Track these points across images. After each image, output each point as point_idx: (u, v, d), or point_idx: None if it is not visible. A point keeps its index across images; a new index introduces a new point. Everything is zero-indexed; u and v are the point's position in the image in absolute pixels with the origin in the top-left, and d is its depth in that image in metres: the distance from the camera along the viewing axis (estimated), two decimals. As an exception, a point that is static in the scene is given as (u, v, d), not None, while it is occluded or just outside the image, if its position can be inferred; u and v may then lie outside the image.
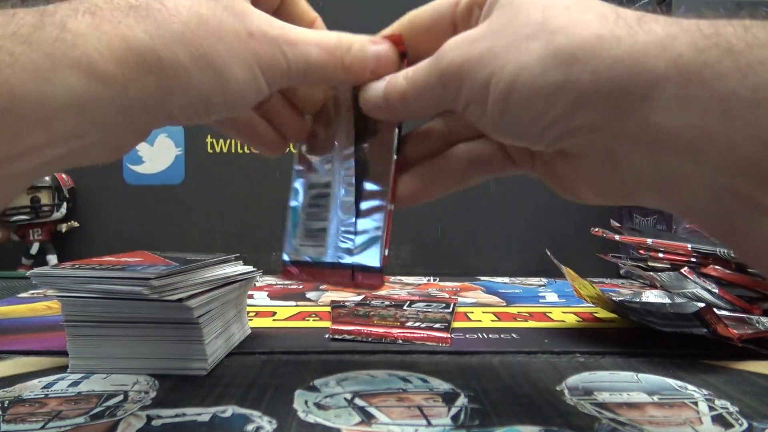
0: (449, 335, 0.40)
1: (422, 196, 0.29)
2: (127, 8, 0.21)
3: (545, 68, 0.20)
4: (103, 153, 0.23)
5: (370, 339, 0.40)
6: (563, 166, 0.26)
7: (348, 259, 0.29)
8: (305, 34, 0.25)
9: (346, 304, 0.52)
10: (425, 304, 0.51)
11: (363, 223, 0.29)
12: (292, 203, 0.32)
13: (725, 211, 0.20)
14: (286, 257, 0.31)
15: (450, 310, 0.48)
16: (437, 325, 0.42)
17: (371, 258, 0.29)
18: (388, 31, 0.28)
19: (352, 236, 0.29)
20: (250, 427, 0.26)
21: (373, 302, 0.52)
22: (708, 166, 0.20)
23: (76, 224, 0.79)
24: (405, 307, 0.49)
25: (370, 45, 0.26)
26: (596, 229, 0.66)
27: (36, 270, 0.33)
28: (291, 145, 0.31)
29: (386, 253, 0.28)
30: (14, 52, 0.18)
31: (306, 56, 0.25)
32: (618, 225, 0.68)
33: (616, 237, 0.62)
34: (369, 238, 0.29)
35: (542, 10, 0.21)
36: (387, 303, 0.51)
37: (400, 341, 0.39)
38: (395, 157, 0.29)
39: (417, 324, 0.42)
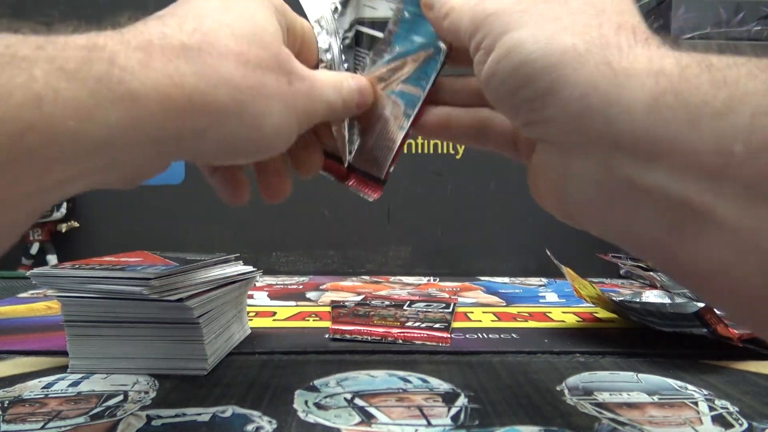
0: (449, 335, 0.40)
1: (437, 134, 0.31)
2: (180, 48, 0.21)
3: (548, 48, 0.22)
4: (121, 182, 0.24)
5: (370, 339, 0.40)
6: (533, 166, 0.26)
7: (354, 163, 0.31)
8: (324, 77, 0.27)
9: (346, 304, 0.52)
10: (425, 304, 0.51)
11: (381, 134, 0.31)
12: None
13: (671, 227, 0.20)
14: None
15: (450, 310, 0.48)
16: (437, 325, 0.42)
17: (377, 169, 0.31)
18: None
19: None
20: (250, 427, 0.26)
21: (373, 302, 0.52)
22: (664, 173, 0.20)
23: (76, 224, 0.79)
24: (405, 307, 0.49)
25: (353, 81, 0.29)
26: None
27: (36, 270, 0.33)
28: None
29: (391, 169, 0.31)
30: (59, 88, 0.18)
31: (327, 98, 0.27)
32: None
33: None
34: (382, 149, 0.31)
35: (583, 2, 0.23)
36: (387, 303, 0.51)
37: (400, 341, 0.39)
38: (430, 85, 0.30)
39: (417, 324, 0.42)
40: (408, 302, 0.52)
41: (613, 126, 0.20)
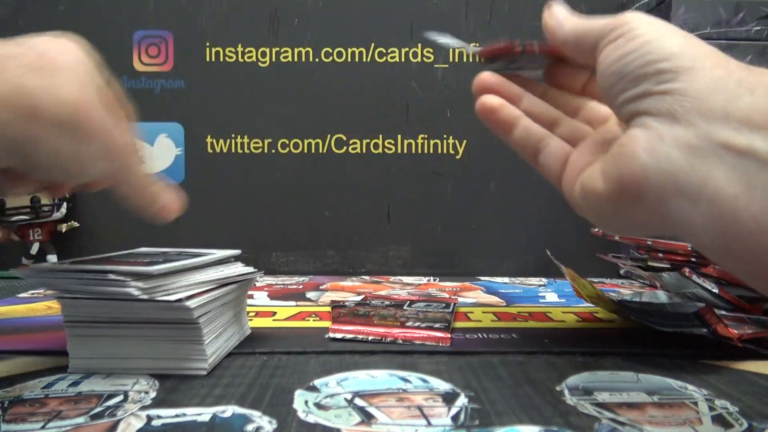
0: (449, 335, 0.40)
1: (500, 123, 0.33)
2: (29, 66, 0.26)
3: (685, 42, 0.26)
4: None
5: (369, 339, 0.40)
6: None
7: None
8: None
9: (347, 304, 0.52)
10: (425, 304, 0.51)
11: None
12: None
13: (747, 183, 0.23)
14: None
15: (450, 310, 0.48)
16: (437, 325, 0.42)
17: None
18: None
19: None
20: (250, 427, 0.26)
21: (373, 302, 0.52)
22: (761, 137, 0.23)
23: (76, 224, 0.78)
24: (405, 307, 0.49)
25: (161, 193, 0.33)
26: (596, 230, 0.66)
27: (23, 270, 0.33)
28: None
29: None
30: None
31: (129, 147, 0.31)
32: None
33: (616, 237, 0.62)
34: None
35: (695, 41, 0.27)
36: (387, 303, 0.51)
37: (400, 341, 0.39)
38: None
39: (417, 324, 0.42)
40: (408, 302, 0.52)
41: (733, 102, 0.23)
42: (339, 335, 0.40)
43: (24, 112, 0.25)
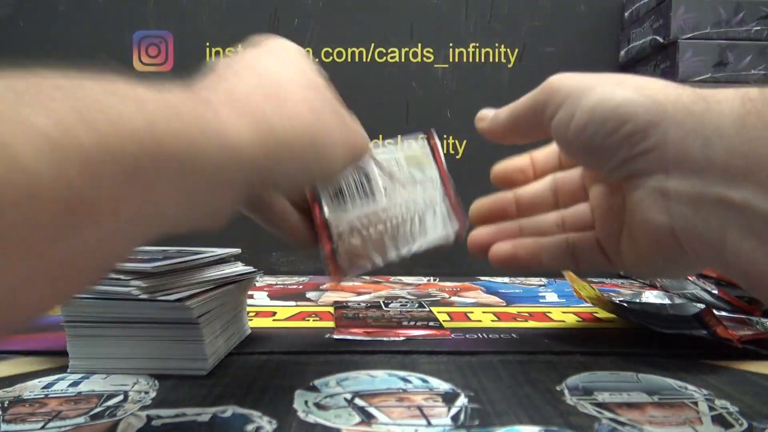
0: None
1: (526, 263, 0.35)
2: (263, 100, 0.25)
3: (636, 92, 0.25)
4: (212, 221, 0.26)
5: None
6: (627, 223, 0.29)
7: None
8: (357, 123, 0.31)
9: (349, 304, 0.52)
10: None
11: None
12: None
13: (759, 240, 0.22)
14: None
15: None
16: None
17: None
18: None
19: None
20: (250, 427, 0.26)
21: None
22: (752, 191, 0.22)
23: (76, 224, 0.78)
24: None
25: None
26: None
27: None
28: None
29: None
30: (170, 118, 0.20)
31: (364, 136, 0.32)
32: None
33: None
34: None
35: (624, 78, 0.27)
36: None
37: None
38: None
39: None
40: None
41: (709, 147, 0.23)
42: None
43: (266, 146, 0.24)
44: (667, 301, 0.53)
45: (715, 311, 0.38)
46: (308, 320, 0.47)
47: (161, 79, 0.21)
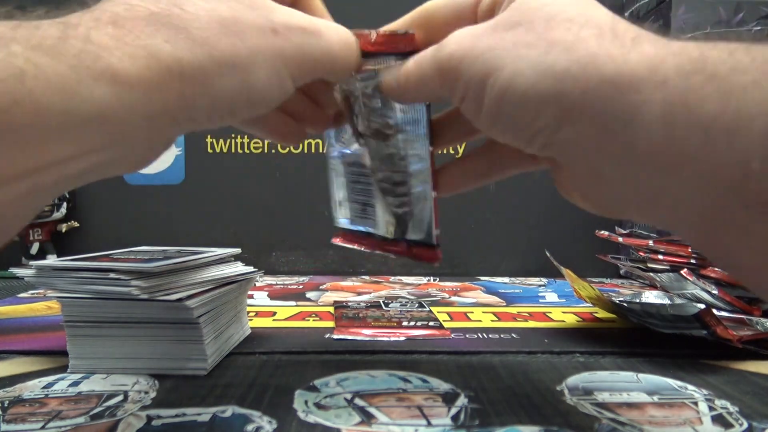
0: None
1: (461, 187, 0.31)
2: (147, 16, 0.21)
3: (539, 78, 0.21)
4: (129, 164, 0.23)
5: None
6: (558, 174, 0.27)
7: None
8: (326, 24, 0.25)
9: (349, 304, 0.52)
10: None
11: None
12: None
13: (711, 227, 0.21)
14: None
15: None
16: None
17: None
18: (400, 23, 0.29)
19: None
20: (250, 427, 0.26)
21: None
22: (692, 187, 0.20)
23: (76, 224, 0.78)
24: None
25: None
26: (602, 232, 0.66)
27: (21, 269, 0.33)
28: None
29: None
30: (39, 64, 0.18)
31: (329, 47, 0.25)
32: (624, 232, 0.68)
33: (620, 239, 0.62)
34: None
35: (546, 21, 0.22)
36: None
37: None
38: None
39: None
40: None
41: (632, 144, 0.20)
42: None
43: (156, 79, 0.20)
44: (667, 301, 0.53)
45: (715, 311, 0.38)
46: (308, 320, 0.47)
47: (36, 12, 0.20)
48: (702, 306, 0.39)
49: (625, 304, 0.45)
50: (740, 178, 0.18)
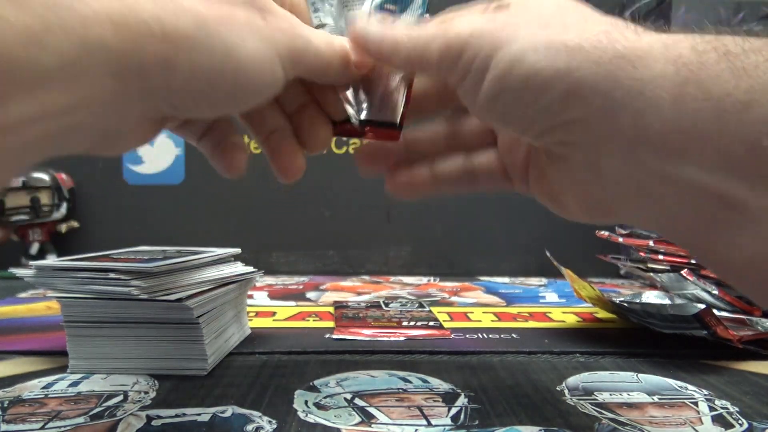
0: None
1: (424, 191, 0.31)
2: None
3: (551, 54, 0.21)
4: (101, 138, 0.22)
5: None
6: (552, 171, 0.26)
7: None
8: (314, 31, 0.25)
9: (349, 304, 0.52)
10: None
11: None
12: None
13: (707, 219, 0.20)
14: None
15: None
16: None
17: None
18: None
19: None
20: (250, 427, 0.26)
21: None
22: (696, 168, 0.20)
23: (76, 224, 0.78)
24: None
25: (346, 41, 0.27)
26: (602, 232, 0.66)
27: (20, 269, 0.33)
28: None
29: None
30: (5, 15, 0.17)
31: (317, 48, 0.25)
32: (624, 232, 0.68)
33: (620, 239, 0.62)
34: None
35: (557, 8, 0.22)
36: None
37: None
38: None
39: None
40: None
41: (641, 120, 0.20)
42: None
43: (131, 32, 0.19)
44: (667, 301, 0.53)
45: (715, 311, 0.38)
46: (308, 320, 0.47)
47: None
48: (702, 306, 0.39)
49: (625, 304, 0.45)
50: (749, 154, 0.18)
